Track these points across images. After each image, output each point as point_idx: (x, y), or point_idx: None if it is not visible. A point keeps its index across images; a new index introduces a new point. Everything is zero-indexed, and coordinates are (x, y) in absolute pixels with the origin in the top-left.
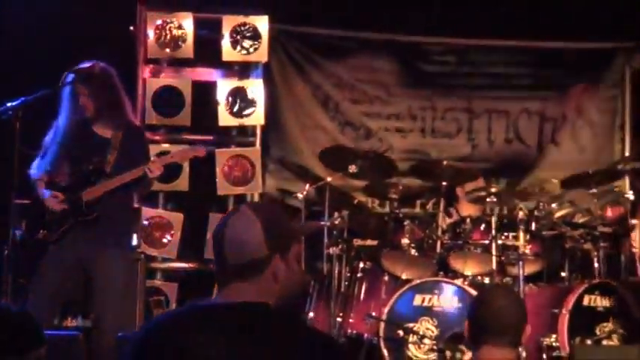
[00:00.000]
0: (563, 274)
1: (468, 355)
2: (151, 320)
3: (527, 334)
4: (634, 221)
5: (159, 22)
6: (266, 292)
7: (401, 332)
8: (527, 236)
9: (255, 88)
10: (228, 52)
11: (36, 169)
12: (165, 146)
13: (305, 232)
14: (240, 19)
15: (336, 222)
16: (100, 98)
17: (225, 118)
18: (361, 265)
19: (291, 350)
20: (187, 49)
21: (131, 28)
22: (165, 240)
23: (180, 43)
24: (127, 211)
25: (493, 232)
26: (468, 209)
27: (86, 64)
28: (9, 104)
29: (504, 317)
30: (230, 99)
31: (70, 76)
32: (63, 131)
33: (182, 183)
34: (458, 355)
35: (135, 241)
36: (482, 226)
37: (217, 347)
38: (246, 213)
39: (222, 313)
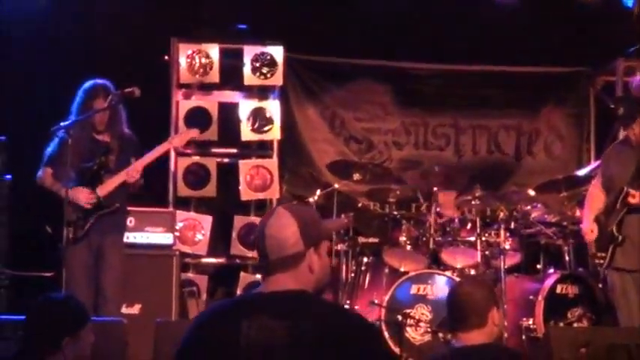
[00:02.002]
0: (538, 266)
1: None
2: (206, 309)
3: (496, 316)
4: None
5: (189, 51)
6: (304, 281)
7: (400, 317)
8: (507, 233)
9: (273, 108)
10: (249, 77)
11: (46, 175)
12: (196, 158)
13: (334, 229)
14: (259, 48)
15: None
16: (114, 114)
17: (246, 134)
18: (365, 259)
19: (330, 328)
20: (214, 74)
21: (166, 57)
22: (196, 239)
23: (207, 69)
24: (126, 202)
25: (478, 230)
26: (454, 212)
27: (103, 82)
28: (62, 124)
29: (465, 304)
30: (251, 117)
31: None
32: (71, 139)
33: (210, 190)
34: (449, 336)
35: (170, 240)
36: (469, 225)
37: (266, 330)
38: (283, 213)
39: (269, 300)
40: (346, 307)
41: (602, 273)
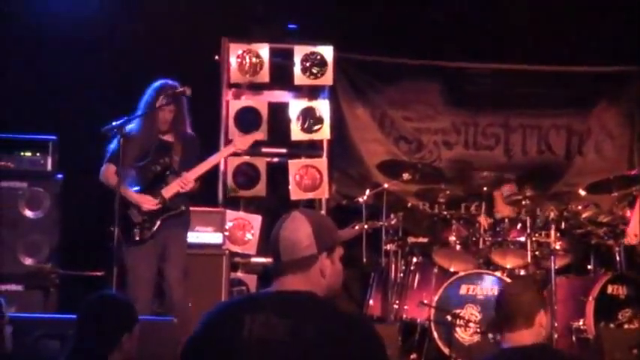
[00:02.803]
0: (589, 266)
1: None
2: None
3: (543, 319)
4: None
5: (240, 51)
6: (314, 284)
7: (449, 317)
8: (558, 234)
9: (323, 107)
10: (299, 76)
11: (108, 172)
12: (246, 158)
13: (347, 237)
14: (309, 48)
15: (393, 222)
16: (178, 113)
17: (296, 134)
18: (414, 259)
19: (331, 331)
20: (264, 74)
21: (216, 57)
22: (246, 238)
23: (258, 69)
24: (188, 203)
25: (528, 230)
26: (505, 211)
27: (173, 83)
28: (114, 123)
29: (513, 305)
30: (301, 117)
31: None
32: (134, 138)
33: (260, 189)
34: (498, 336)
35: (220, 239)
36: (519, 226)
37: (268, 326)
38: (299, 217)
39: (275, 298)
40: (357, 313)
41: None
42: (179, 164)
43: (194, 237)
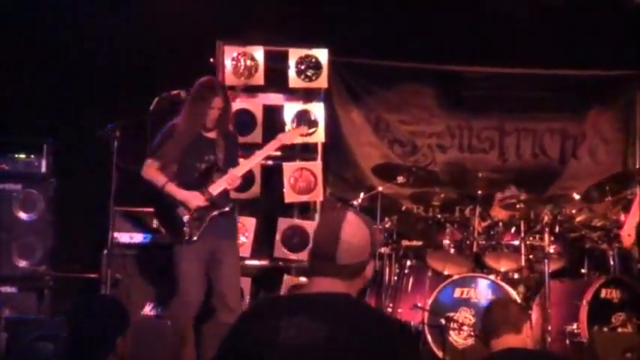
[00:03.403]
0: (582, 270)
1: None
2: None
3: (529, 330)
4: None
5: (235, 54)
6: (354, 286)
7: (443, 320)
8: (552, 238)
9: (317, 110)
10: (294, 79)
11: (150, 167)
12: (240, 160)
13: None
14: (304, 51)
15: (387, 225)
16: (224, 110)
17: None
18: (408, 262)
19: (368, 334)
20: (259, 77)
21: (211, 59)
22: (240, 241)
23: (252, 72)
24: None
25: (522, 234)
26: (499, 214)
27: (216, 80)
28: (109, 126)
29: (501, 314)
30: (295, 120)
31: (213, 86)
32: (180, 134)
33: (255, 192)
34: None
35: None
36: (513, 229)
37: (306, 330)
38: (357, 220)
39: (312, 301)
40: (388, 313)
41: None
42: (223, 162)
43: None
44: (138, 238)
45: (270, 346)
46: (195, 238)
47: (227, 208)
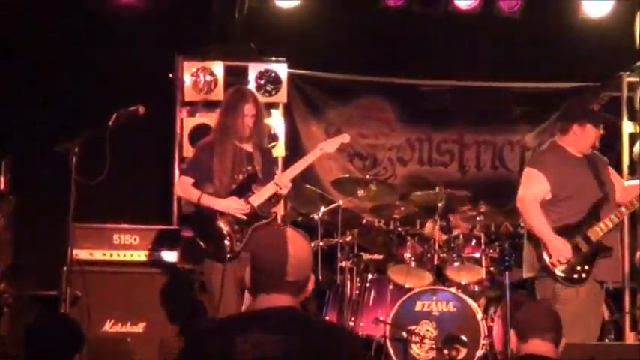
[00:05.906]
0: None
1: (463, 352)
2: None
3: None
4: None
5: (194, 69)
6: (299, 300)
7: (405, 334)
8: (512, 249)
9: (277, 125)
10: None
11: (183, 184)
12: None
13: None
14: (263, 66)
15: (348, 239)
16: (258, 117)
17: None
18: (369, 276)
19: (318, 343)
20: (218, 92)
21: (170, 74)
22: None
23: (212, 87)
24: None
25: (483, 246)
26: (460, 227)
27: (247, 88)
28: (67, 142)
29: None
30: None
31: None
32: (214, 147)
33: None
34: (454, 352)
35: (175, 258)
36: (473, 241)
37: (260, 344)
38: (298, 236)
39: (263, 316)
40: (333, 323)
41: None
42: (262, 173)
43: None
44: (97, 254)
45: None
46: (235, 254)
47: (271, 218)
